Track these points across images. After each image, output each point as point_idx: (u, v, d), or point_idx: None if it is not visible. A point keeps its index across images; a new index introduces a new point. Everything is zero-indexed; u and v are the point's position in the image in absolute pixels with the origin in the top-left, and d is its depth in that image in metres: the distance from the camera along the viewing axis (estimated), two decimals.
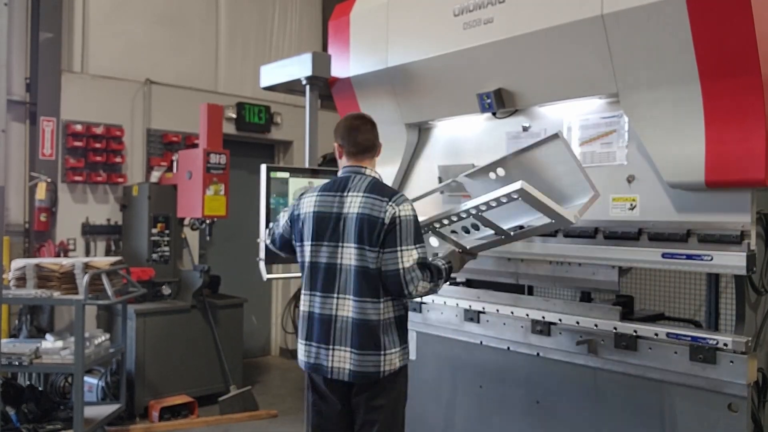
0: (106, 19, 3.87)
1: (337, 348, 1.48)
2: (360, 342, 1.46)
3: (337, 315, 1.48)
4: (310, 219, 1.54)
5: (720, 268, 1.48)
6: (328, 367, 1.48)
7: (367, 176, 1.56)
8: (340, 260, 1.49)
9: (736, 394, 1.44)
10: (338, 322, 1.48)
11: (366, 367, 1.47)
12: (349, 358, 1.47)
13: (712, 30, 1.41)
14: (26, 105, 3.61)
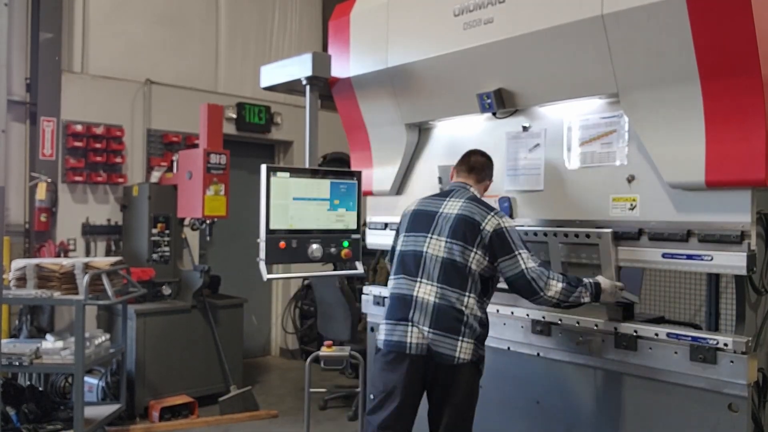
0: (106, 19, 3.87)
1: (416, 325, 1.59)
2: (438, 323, 1.58)
3: (417, 296, 1.61)
4: (408, 215, 1.74)
5: (720, 268, 1.48)
6: (407, 343, 1.59)
7: (469, 191, 1.73)
8: (426, 249, 1.63)
9: (736, 394, 1.44)
10: (419, 303, 1.61)
11: (442, 348, 1.57)
12: (426, 334, 1.58)
13: (713, 30, 1.41)
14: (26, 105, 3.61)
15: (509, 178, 1.93)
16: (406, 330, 1.59)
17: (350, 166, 2.44)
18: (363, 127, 2.32)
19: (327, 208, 2.10)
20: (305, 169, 2.20)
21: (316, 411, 3.18)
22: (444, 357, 1.57)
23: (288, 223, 2.00)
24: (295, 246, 1.99)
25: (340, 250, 2.07)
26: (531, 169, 1.87)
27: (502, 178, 1.95)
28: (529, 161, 1.87)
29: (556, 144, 1.82)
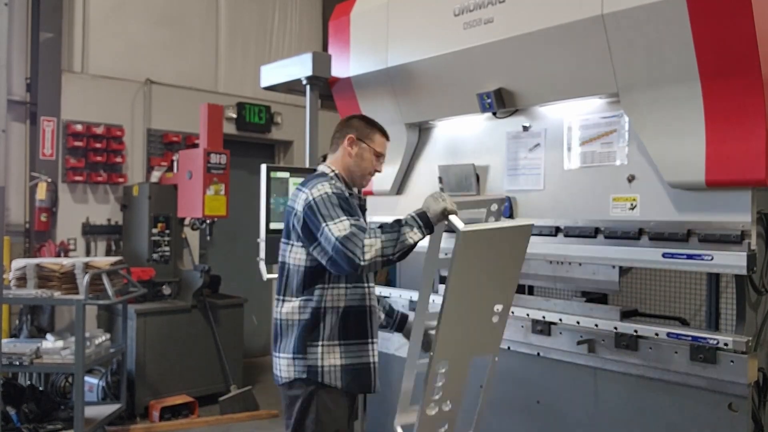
0: (107, 19, 3.87)
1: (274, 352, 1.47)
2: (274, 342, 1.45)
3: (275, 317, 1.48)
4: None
5: (720, 268, 1.48)
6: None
7: (312, 174, 1.54)
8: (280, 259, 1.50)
9: (736, 394, 1.44)
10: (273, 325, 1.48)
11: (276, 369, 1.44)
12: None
13: (713, 30, 1.41)
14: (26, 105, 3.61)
15: (509, 178, 1.93)
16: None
17: None
18: None
19: None
20: (305, 168, 2.20)
21: None
22: (276, 378, 1.43)
23: None
24: None
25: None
26: (531, 169, 1.87)
27: (503, 178, 1.95)
28: (530, 161, 1.87)
29: (557, 144, 1.82)
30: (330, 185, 1.41)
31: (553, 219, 1.79)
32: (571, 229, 1.74)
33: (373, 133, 1.55)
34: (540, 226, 1.80)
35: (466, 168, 2.00)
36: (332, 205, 1.37)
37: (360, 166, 1.52)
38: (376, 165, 1.56)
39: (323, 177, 1.46)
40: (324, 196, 1.38)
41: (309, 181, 1.46)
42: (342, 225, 1.33)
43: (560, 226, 1.77)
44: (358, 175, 1.53)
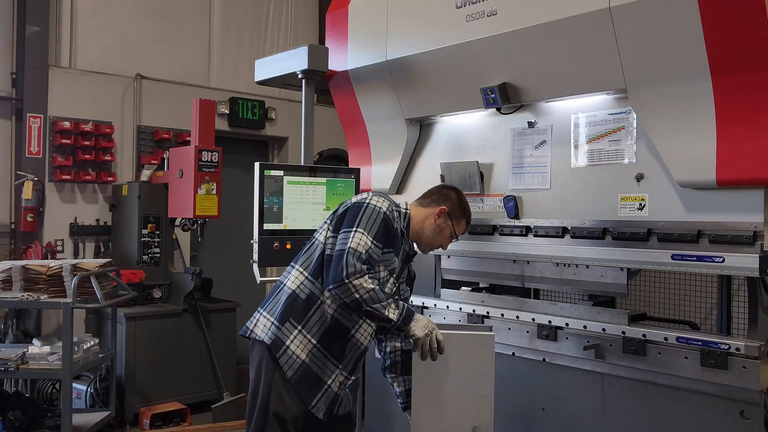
0: (95, 12, 3.77)
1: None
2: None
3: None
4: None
5: (732, 270, 1.44)
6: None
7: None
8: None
9: (748, 401, 1.40)
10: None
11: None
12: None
13: (724, 23, 1.37)
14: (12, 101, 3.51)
15: (514, 177, 1.88)
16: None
17: (348, 164, 2.37)
18: (361, 123, 2.26)
19: (323, 208, 2.04)
20: (301, 166, 2.14)
21: None
22: (244, 328, 1.50)
23: (282, 224, 1.94)
24: (290, 247, 1.93)
25: None
26: (537, 167, 1.82)
27: (507, 176, 1.89)
28: (535, 159, 1.82)
29: (563, 141, 1.77)
30: (390, 207, 1.48)
31: (560, 219, 1.74)
32: (578, 229, 1.69)
33: (463, 218, 1.59)
34: (546, 227, 1.75)
35: (470, 166, 1.94)
36: (375, 221, 1.42)
37: (436, 237, 1.56)
38: (448, 244, 1.61)
39: (394, 204, 1.52)
40: (376, 209, 1.44)
41: (379, 193, 1.54)
42: (364, 241, 1.39)
43: (567, 227, 1.72)
44: (426, 243, 1.57)
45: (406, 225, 1.54)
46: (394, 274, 1.52)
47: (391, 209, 1.48)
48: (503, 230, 1.86)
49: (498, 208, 1.89)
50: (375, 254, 1.40)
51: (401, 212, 1.53)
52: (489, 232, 1.90)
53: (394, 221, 1.47)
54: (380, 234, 1.42)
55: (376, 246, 1.40)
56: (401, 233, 1.52)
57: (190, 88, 4.03)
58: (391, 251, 1.48)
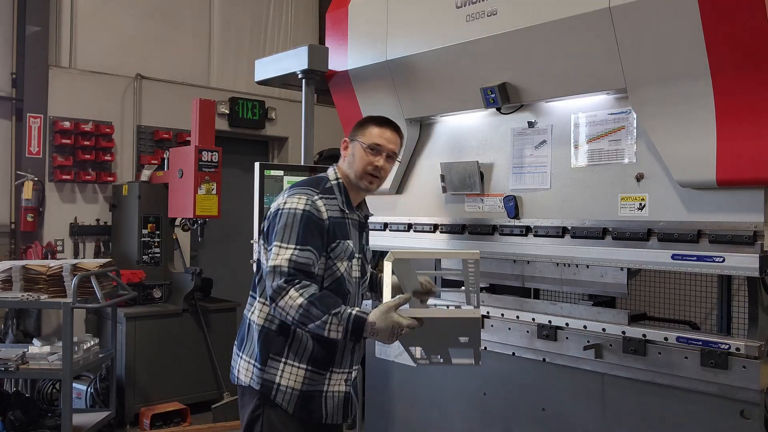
0: (96, 12, 3.77)
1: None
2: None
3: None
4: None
5: (732, 270, 1.43)
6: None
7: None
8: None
9: (748, 401, 1.40)
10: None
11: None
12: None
13: (724, 23, 1.36)
14: (12, 101, 3.51)
15: (514, 176, 1.87)
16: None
17: None
18: None
19: None
20: (301, 166, 2.14)
21: None
22: (231, 374, 1.43)
23: None
24: None
25: None
26: (537, 167, 1.82)
27: (508, 176, 1.89)
28: (535, 158, 1.82)
29: (563, 141, 1.77)
30: (308, 202, 1.33)
31: (560, 219, 1.74)
32: (578, 229, 1.69)
33: (365, 128, 1.43)
34: (546, 227, 1.75)
35: (470, 165, 1.94)
36: (293, 225, 1.29)
37: (353, 166, 1.41)
38: (374, 160, 1.40)
39: (312, 187, 1.38)
40: (292, 212, 1.31)
41: (297, 186, 1.40)
42: (284, 255, 1.26)
43: (567, 227, 1.72)
44: (354, 178, 1.41)
45: (345, 194, 1.40)
46: (355, 254, 1.40)
47: (311, 202, 1.32)
48: (503, 230, 1.86)
49: (498, 208, 1.88)
50: (305, 258, 1.26)
51: (334, 185, 1.40)
52: (489, 232, 1.90)
53: (322, 212, 1.33)
54: (306, 236, 1.27)
55: (303, 251, 1.26)
56: (342, 210, 1.38)
57: (190, 88, 4.03)
58: (338, 241, 1.35)
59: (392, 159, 1.45)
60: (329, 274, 1.35)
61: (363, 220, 1.48)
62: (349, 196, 1.43)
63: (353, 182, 1.42)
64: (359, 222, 1.45)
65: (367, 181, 1.42)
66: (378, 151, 1.41)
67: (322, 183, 1.41)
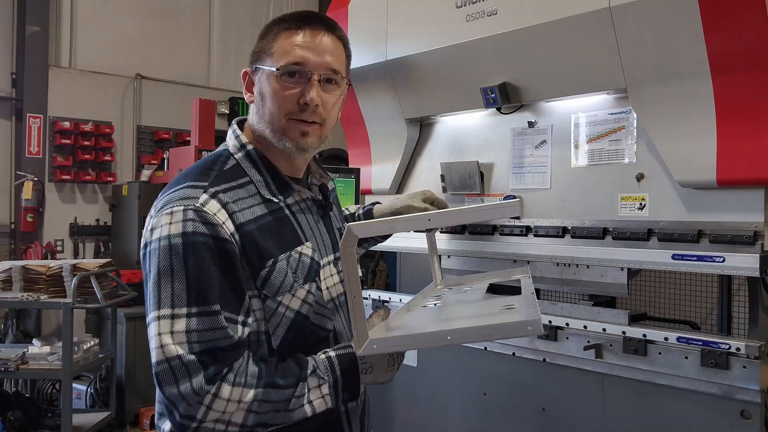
0: (95, 12, 3.77)
1: None
2: None
3: None
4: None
5: (732, 270, 1.43)
6: None
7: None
8: None
9: (749, 401, 1.40)
10: None
11: None
12: None
13: (724, 23, 1.36)
14: (12, 101, 3.52)
15: (514, 176, 1.88)
16: None
17: (348, 164, 2.37)
18: (361, 123, 2.25)
19: None
20: None
21: None
22: None
23: None
24: None
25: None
26: (537, 167, 1.82)
27: (508, 176, 1.89)
28: (536, 158, 1.82)
29: (563, 141, 1.77)
30: (188, 217, 0.73)
31: (560, 219, 1.74)
32: (578, 229, 1.69)
33: (271, 39, 0.85)
34: (546, 227, 1.75)
35: (470, 165, 1.94)
36: (171, 272, 0.70)
37: (265, 115, 0.81)
38: (296, 92, 0.80)
39: (197, 180, 0.78)
40: (163, 245, 0.72)
41: (174, 183, 0.80)
42: (170, 331, 0.68)
43: (567, 227, 1.72)
44: (273, 135, 0.81)
45: (267, 168, 0.82)
46: (323, 262, 0.82)
47: (193, 214, 0.74)
48: (503, 230, 1.86)
49: None
50: (212, 329, 0.70)
51: (240, 159, 0.82)
52: (489, 232, 1.90)
53: (220, 224, 0.74)
54: (202, 284, 0.70)
55: (203, 315, 0.70)
56: (270, 199, 0.80)
57: (190, 88, 4.03)
58: (273, 260, 0.76)
59: (335, 85, 0.81)
60: (276, 323, 0.76)
61: (320, 196, 0.88)
62: (278, 169, 0.82)
63: (275, 142, 0.83)
64: (316, 201, 0.87)
65: (297, 133, 0.80)
66: (302, 75, 0.79)
67: (216, 165, 0.81)
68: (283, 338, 0.79)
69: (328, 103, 0.85)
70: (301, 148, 0.84)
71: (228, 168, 0.83)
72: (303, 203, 0.87)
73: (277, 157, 0.87)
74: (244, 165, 0.85)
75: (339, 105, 0.87)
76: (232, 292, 0.75)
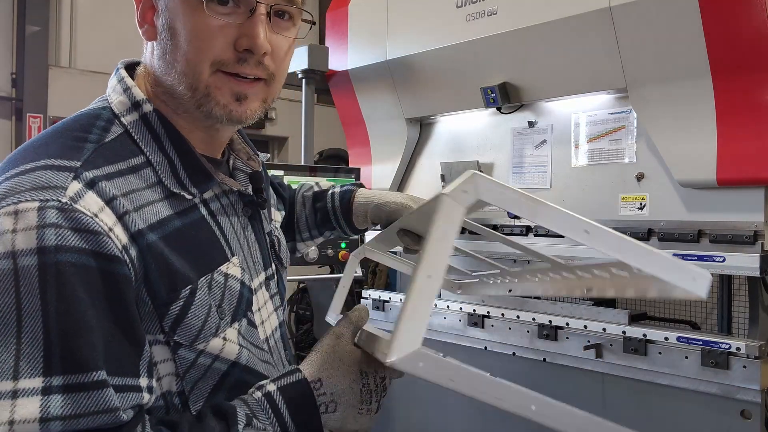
0: (95, 11, 3.77)
1: None
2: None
3: None
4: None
5: (732, 270, 1.44)
6: None
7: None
8: None
9: (749, 400, 1.40)
10: None
11: None
12: None
13: (724, 23, 1.37)
14: (12, 101, 3.51)
15: (515, 176, 1.88)
16: None
17: (348, 163, 2.37)
18: (362, 122, 2.26)
19: None
20: (301, 166, 2.14)
21: None
22: None
23: None
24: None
25: (337, 252, 2.00)
26: (537, 167, 1.82)
27: (508, 176, 1.89)
28: (536, 158, 1.82)
29: (563, 140, 1.77)
30: (58, 226, 0.43)
31: None
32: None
33: None
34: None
35: (470, 165, 1.94)
36: (29, 316, 0.41)
37: (173, 58, 0.55)
38: (238, 29, 0.54)
39: (64, 157, 0.48)
40: (12, 273, 0.41)
41: (18, 158, 0.49)
42: (23, 419, 0.39)
43: None
44: (191, 85, 0.55)
45: (176, 143, 0.55)
46: (255, 284, 0.59)
47: (61, 215, 0.43)
48: (504, 230, 1.86)
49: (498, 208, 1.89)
50: (101, 404, 0.43)
51: (130, 126, 0.55)
52: None
53: (104, 234, 0.45)
54: (75, 336, 0.41)
55: (80, 388, 0.41)
56: (176, 193, 0.54)
57: None
58: (187, 289, 0.51)
59: (289, 21, 0.57)
60: (194, 378, 0.53)
61: (249, 188, 0.62)
62: (191, 146, 0.55)
63: (191, 107, 0.56)
64: (243, 196, 0.61)
65: (230, 95, 0.55)
66: (243, 2, 0.54)
67: (91, 132, 0.52)
68: (207, 400, 0.52)
69: (281, 50, 0.55)
70: (234, 119, 0.54)
71: (111, 140, 0.50)
72: (225, 199, 0.57)
73: (191, 126, 0.55)
74: (137, 136, 0.52)
75: (292, 53, 0.57)
76: (126, 343, 0.45)
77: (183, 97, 0.56)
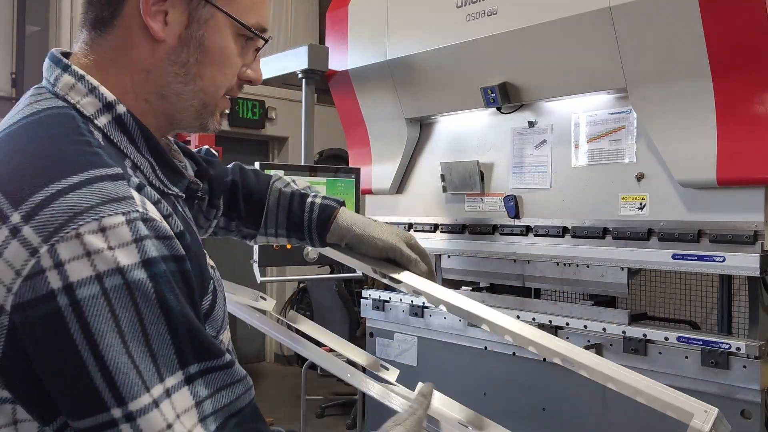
0: None
1: None
2: None
3: None
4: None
5: (732, 270, 1.44)
6: None
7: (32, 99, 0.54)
8: None
9: (749, 400, 1.40)
10: None
11: None
12: None
13: (724, 23, 1.37)
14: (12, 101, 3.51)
15: (515, 176, 1.88)
16: None
17: (348, 163, 2.37)
18: (362, 122, 2.26)
19: None
20: (301, 166, 2.14)
21: (312, 419, 3.13)
22: None
23: None
24: (290, 247, 1.92)
25: None
26: (537, 167, 1.82)
27: (508, 176, 1.89)
28: (536, 158, 1.82)
29: (563, 140, 1.77)
30: (148, 237, 0.45)
31: (560, 219, 1.74)
32: (578, 229, 1.69)
33: None
34: (547, 227, 1.75)
35: (470, 165, 1.94)
36: (153, 325, 0.44)
37: (197, 74, 0.57)
38: (244, 63, 0.63)
39: (101, 165, 0.46)
40: (125, 288, 0.43)
41: (46, 191, 0.43)
42: (184, 408, 0.45)
43: (567, 226, 1.72)
44: (204, 102, 0.58)
45: (152, 148, 0.54)
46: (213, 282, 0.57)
47: (149, 227, 0.45)
48: (503, 230, 1.86)
49: (498, 208, 1.89)
50: (235, 376, 0.52)
51: (108, 119, 0.52)
52: (489, 232, 1.90)
53: (173, 237, 0.48)
54: (199, 334, 0.47)
55: (214, 369, 0.49)
56: (171, 193, 0.57)
57: None
58: (213, 279, 0.57)
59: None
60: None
61: (197, 185, 0.64)
62: (161, 146, 0.56)
63: (187, 119, 0.58)
64: (190, 191, 0.62)
65: (219, 115, 0.61)
66: (257, 44, 0.65)
67: (84, 134, 0.49)
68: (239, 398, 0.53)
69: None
70: (212, 131, 0.61)
71: (104, 143, 0.50)
72: (183, 199, 0.59)
73: (157, 126, 0.56)
74: (115, 138, 0.51)
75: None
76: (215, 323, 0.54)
77: (186, 107, 0.58)
